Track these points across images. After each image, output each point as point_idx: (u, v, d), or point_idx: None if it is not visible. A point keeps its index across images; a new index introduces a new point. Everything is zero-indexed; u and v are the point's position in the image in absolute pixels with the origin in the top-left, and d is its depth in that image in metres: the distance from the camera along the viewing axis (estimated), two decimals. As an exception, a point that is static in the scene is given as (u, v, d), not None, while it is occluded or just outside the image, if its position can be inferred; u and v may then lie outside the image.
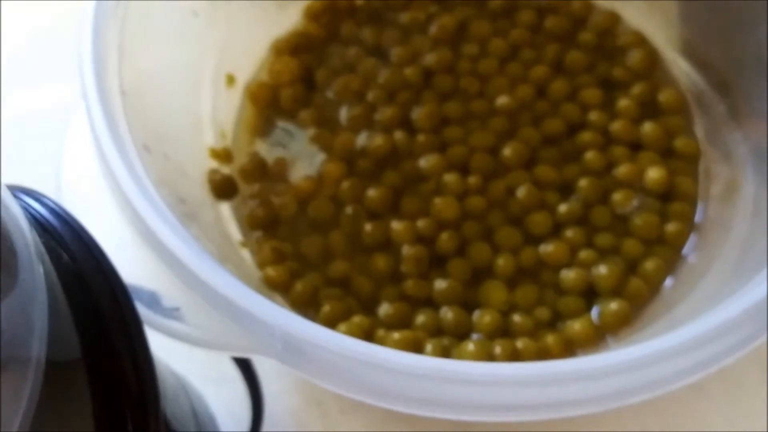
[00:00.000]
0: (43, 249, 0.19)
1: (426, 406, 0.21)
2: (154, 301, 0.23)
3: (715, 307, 0.23)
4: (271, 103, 0.35)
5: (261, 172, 0.33)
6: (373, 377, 0.21)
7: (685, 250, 0.31)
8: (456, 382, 0.21)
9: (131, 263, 0.23)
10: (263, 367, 0.30)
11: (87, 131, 0.24)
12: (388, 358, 0.21)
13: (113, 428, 0.20)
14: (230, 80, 0.34)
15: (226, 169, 0.33)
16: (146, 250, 0.23)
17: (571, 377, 0.20)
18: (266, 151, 0.34)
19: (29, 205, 0.21)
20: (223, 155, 0.33)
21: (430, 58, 0.35)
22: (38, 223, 0.21)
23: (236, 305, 0.21)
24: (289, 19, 0.36)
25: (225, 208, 0.32)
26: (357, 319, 0.29)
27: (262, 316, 0.21)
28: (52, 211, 0.21)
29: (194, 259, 0.22)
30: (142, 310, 0.21)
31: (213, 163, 0.32)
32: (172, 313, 0.22)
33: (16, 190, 0.22)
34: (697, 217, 0.32)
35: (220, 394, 0.32)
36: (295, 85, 0.35)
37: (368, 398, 0.21)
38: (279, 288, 0.30)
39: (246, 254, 0.31)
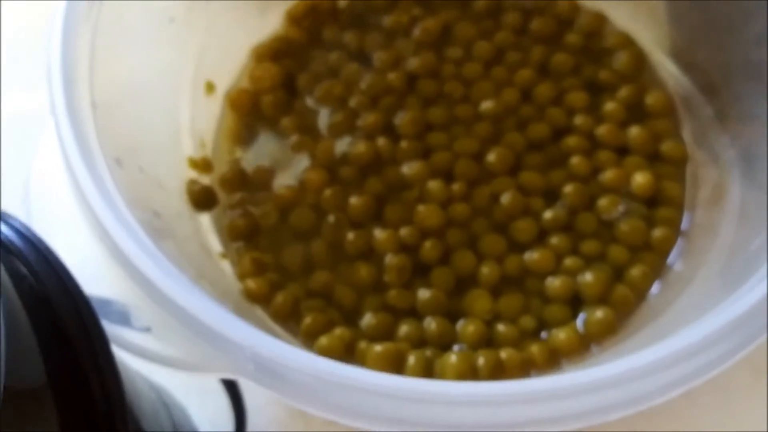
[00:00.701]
0: (3, 273, 0.19)
1: (402, 425, 0.21)
2: (123, 320, 0.22)
3: (702, 315, 0.23)
4: (252, 110, 0.34)
5: (242, 181, 0.33)
6: (347, 398, 0.20)
7: (672, 256, 0.30)
8: (432, 403, 0.20)
9: (101, 280, 0.23)
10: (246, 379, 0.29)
11: (56, 144, 0.24)
12: (360, 379, 0.20)
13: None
14: (210, 88, 0.34)
15: (205, 179, 0.32)
16: (116, 267, 0.22)
17: (552, 395, 0.20)
18: (247, 159, 0.33)
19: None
20: (203, 165, 0.32)
21: (413, 63, 0.35)
22: (1, 245, 0.21)
23: (207, 326, 0.21)
24: (269, 24, 0.36)
25: (204, 219, 0.32)
26: (338, 332, 0.29)
27: (233, 337, 0.21)
28: (16, 231, 0.21)
29: (164, 278, 0.21)
30: (110, 329, 0.21)
31: (191, 174, 0.32)
32: (143, 332, 0.22)
33: (-22, 212, 0.21)
34: (684, 222, 0.31)
35: (204, 406, 0.31)
36: (276, 91, 0.34)
37: (343, 418, 0.21)
38: (259, 300, 0.30)
39: (226, 266, 0.31)
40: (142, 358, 0.22)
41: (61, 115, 0.23)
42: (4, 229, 0.21)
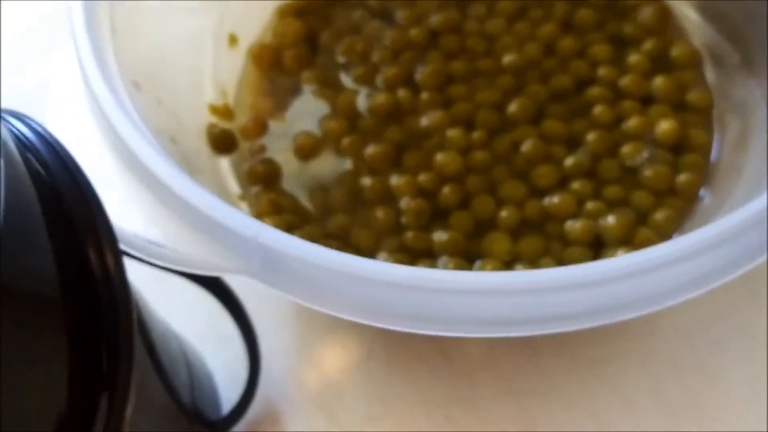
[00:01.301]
0: (14, 150, 0.19)
1: (413, 321, 0.20)
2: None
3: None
4: (274, 65, 0.34)
5: (262, 130, 0.33)
6: (358, 291, 0.20)
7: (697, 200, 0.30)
8: (448, 292, 0.20)
9: (116, 199, 0.23)
10: (262, 324, 0.29)
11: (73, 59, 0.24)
12: (373, 269, 0.20)
13: (84, 336, 0.19)
14: (233, 40, 0.34)
15: (225, 125, 0.32)
16: (120, 167, 0.22)
17: (561, 285, 0.19)
18: (268, 109, 0.33)
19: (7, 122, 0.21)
20: (224, 112, 0.33)
21: (436, 19, 0.35)
22: (15, 138, 0.21)
23: (209, 217, 0.21)
24: (294, -17, 0.36)
25: (223, 163, 0.32)
26: (355, 269, 0.29)
27: (237, 228, 0.20)
28: (28, 126, 0.21)
29: (167, 170, 0.21)
30: (117, 228, 0.20)
31: (212, 119, 0.32)
32: (150, 238, 0.21)
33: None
34: (710, 166, 0.30)
35: (219, 353, 0.31)
36: (298, 46, 0.35)
37: (354, 315, 0.20)
38: (276, 239, 0.30)
39: (243, 207, 0.31)
40: (148, 257, 0.21)
41: (79, 26, 0.24)
42: (19, 124, 0.21)
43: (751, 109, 0.30)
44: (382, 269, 0.20)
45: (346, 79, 0.34)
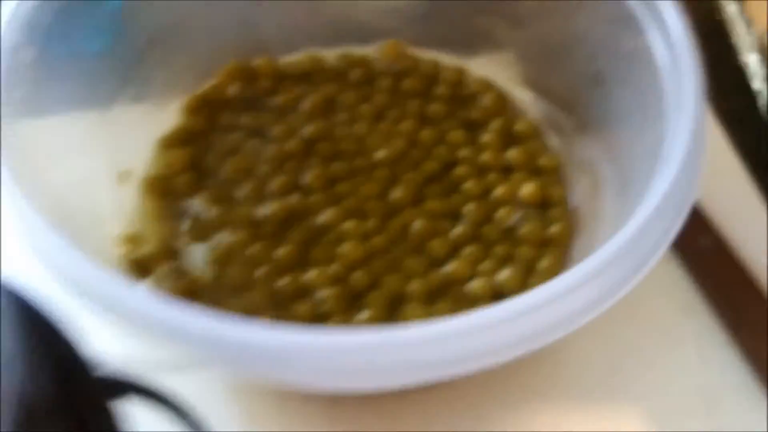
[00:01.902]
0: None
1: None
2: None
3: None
4: (167, 193, 0.37)
5: (172, 254, 0.35)
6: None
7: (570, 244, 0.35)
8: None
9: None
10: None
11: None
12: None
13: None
14: (125, 176, 0.36)
15: (136, 253, 0.34)
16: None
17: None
18: (174, 233, 0.35)
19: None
20: (132, 240, 0.34)
21: (308, 130, 0.38)
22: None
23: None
24: (170, 118, 0.39)
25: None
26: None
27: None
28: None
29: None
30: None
31: (121, 250, 0.34)
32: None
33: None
34: (573, 216, 0.36)
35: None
36: (187, 172, 0.37)
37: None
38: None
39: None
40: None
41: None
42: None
43: (594, 164, 0.36)
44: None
45: (239, 195, 0.37)
